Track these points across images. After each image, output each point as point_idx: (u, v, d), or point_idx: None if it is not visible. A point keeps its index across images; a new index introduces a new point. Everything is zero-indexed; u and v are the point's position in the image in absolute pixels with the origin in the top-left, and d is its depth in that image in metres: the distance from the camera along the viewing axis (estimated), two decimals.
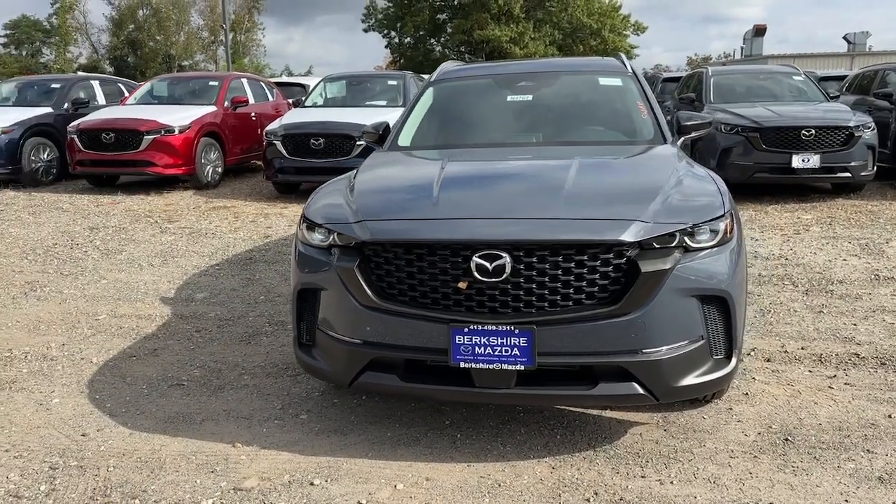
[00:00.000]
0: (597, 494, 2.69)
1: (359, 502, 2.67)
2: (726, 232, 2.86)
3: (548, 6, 42.98)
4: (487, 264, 2.67)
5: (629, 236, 2.67)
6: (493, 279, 2.68)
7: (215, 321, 4.83)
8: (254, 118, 11.89)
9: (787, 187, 9.14)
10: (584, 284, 2.68)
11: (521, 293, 2.70)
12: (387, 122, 4.66)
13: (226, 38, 31.57)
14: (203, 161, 10.54)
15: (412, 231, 2.86)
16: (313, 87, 11.86)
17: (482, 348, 2.70)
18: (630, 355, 2.68)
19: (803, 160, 8.33)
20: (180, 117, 10.33)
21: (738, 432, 3.13)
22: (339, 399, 3.55)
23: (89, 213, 8.78)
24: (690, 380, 2.77)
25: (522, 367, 2.69)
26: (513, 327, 2.68)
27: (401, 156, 4.19)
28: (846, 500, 2.61)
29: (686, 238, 2.75)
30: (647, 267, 2.65)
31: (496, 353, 2.70)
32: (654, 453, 2.97)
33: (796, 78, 10.39)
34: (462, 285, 2.72)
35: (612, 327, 2.67)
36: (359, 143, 8.97)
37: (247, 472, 2.90)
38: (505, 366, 2.70)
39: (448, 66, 5.26)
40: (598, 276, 2.68)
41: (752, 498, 2.63)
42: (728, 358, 2.87)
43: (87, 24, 53.91)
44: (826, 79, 14.44)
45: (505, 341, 2.69)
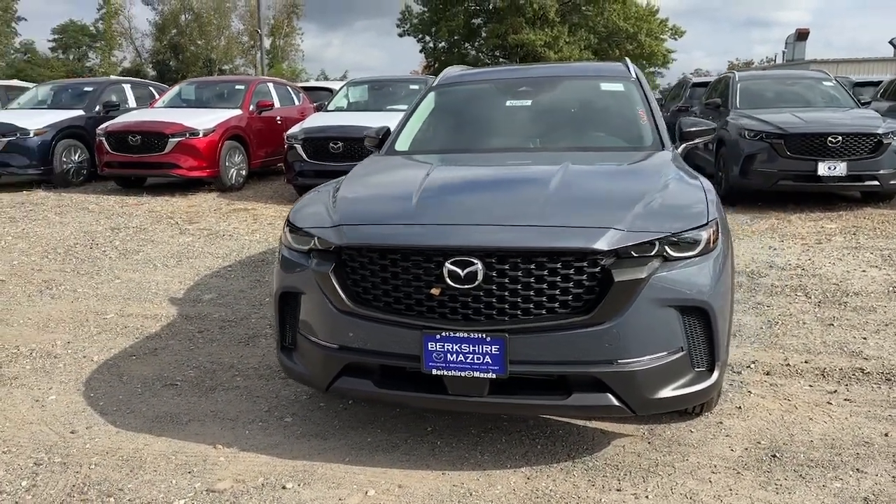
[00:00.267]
0: None
1: None
2: (709, 241, 2.78)
3: (584, 10, 42.64)
4: (459, 271, 2.65)
5: (603, 244, 2.61)
6: (466, 286, 2.65)
7: (218, 322, 4.88)
8: (279, 122, 12.01)
9: (815, 195, 8.85)
10: (557, 293, 2.64)
11: (494, 300, 2.66)
12: (388, 126, 4.66)
13: (260, 43, 32.08)
14: (227, 164, 10.70)
15: (386, 236, 2.85)
16: (336, 91, 11.95)
17: (454, 355, 2.68)
18: (604, 365, 2.63)
19: (829, 168, 8.10)
20: (205, 120, 10.51)
21: (724, 447, 3.04)
22: (326, 403, 3.56)
23: (113, 214, 8.97)
24: (669, 392, 2.70)
25: (494, 375, 2.66)
26: (485, 335, 2.65)
27: (392, 161, 4.18)
28: None
29: (666, 247, 2.69)
30: (620, 276, 2.59)
31: (468, 360, 2.67)
32: (633, 466, 2.90)
33: (826, 83, 10.09)
34: (435, 292, 2.70)
35: (585, 337, 2.61)
36: None
37: (223, 473, 2.92)
38: (477, 374, 2.67)
39: (451, 70, 5.24)
40: (571, 285, 2.63)
41: None
42: (710, 370, 2.79)
43: (131, 28, 55.18)
44: (862, 84, 14.03)
45: (477, 349, 2.66)
